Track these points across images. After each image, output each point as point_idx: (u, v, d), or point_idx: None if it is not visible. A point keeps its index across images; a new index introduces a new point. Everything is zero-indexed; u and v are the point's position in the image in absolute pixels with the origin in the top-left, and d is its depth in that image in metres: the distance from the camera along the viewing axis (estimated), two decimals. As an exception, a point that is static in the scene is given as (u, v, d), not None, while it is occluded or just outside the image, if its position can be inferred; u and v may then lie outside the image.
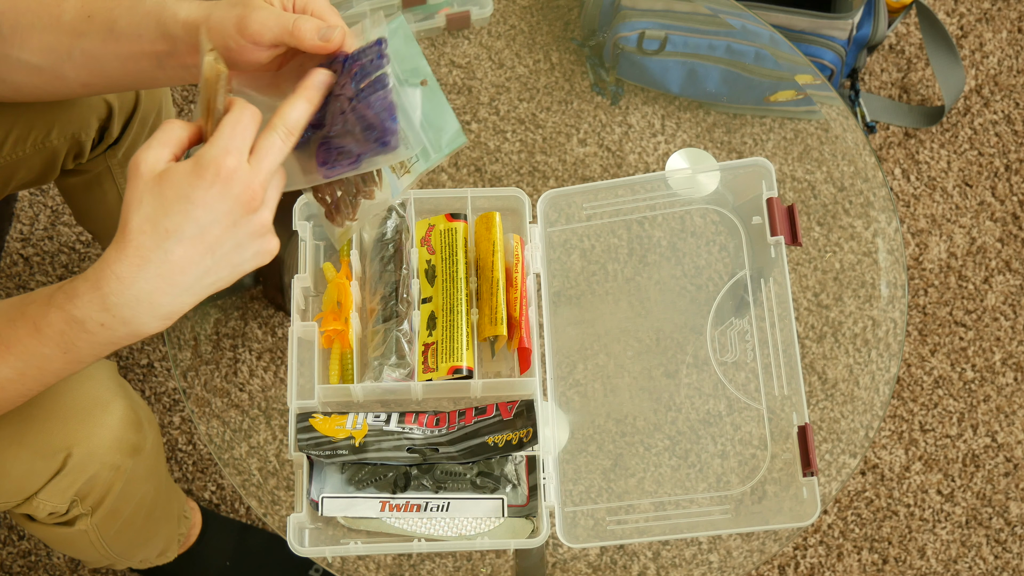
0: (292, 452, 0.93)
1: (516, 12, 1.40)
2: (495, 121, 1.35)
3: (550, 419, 0.99)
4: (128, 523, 1.07)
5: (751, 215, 1.03)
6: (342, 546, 0.94)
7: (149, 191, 0.71)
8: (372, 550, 0.95)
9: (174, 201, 0.71)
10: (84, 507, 0.99)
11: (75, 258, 1.56)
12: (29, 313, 0.74)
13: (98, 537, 1.04)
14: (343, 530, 0.95)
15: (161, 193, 0.71)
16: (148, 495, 1.08)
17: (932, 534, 1.49)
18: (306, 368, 0.97)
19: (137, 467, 1.00)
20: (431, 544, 0.92)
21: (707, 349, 1.04)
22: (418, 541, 0.93)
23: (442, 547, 0.94)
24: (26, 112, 1.02)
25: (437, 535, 0.93)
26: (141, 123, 1.13)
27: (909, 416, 1.54)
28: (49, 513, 0.97)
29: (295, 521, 0.92)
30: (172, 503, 1.21)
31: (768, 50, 1.34)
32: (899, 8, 1.61)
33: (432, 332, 0.98)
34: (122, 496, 1.01)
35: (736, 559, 1.08)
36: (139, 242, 0.71)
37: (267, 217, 0.75)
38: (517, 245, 1.01)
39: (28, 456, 0.92)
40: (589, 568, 1.07)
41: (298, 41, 0.76)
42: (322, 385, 0.96)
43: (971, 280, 1.61)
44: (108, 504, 1.00)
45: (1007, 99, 1.72)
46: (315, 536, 0.95)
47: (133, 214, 0.71)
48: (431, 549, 0.93)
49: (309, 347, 0.97)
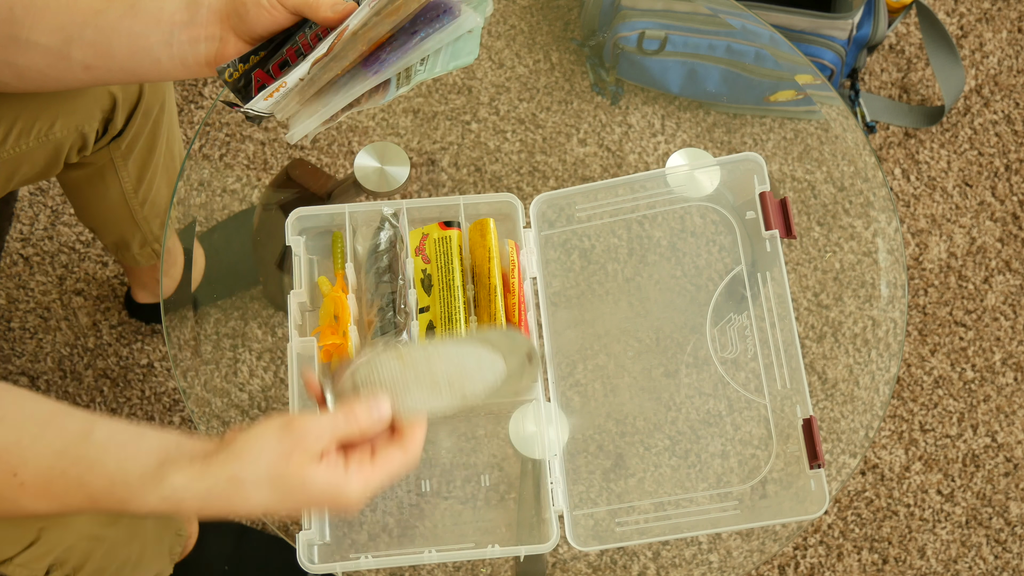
0: None
1: (516, 12, 1.40)
2: (495, 121, 1.35)
3: (554, 422, 0.98)
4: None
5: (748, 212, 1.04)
6: (352, 561, 0.95)
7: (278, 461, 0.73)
8: (382, 563, 0.95)
9: (291, 490, 0.73)
10: (64, 571, 0.97)
11: (75, 258, 1.56)
12: (89, 483, 0.74)
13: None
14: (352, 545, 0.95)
15: (287, 475, 0.73)
16: (133, 552, 1.06)
17: (932, 534, 1.49)
18: None
19: (119, 533, 0.99)
20: (441, 554, 0.92)
21: (707, 347, 1.04)
22: (428, 552, 0.92)
23: (453, 557, 0.94)
24: (30, 104, 1.02)
25: None
26: (144, 116, 1.13)
27: (909, 416, 1.54)
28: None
29: (304, 538, 0.92)
30: (163, 541, 1.18)
31: (768, 50, 1.34)
32: (899, 8, 1.61)
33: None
34: (105, 558, 1.00)
35: (736, 559, 1.08)
36: (233, 491, 0.73)
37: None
38: (512, 250, 1.01)
39: (0, 525, 0.90)
40: (589, 568, 1.07)
41: (314, 10, 0.84)
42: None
43: (971, 280, 1.61)
44: (90, 568, 0.99)
45: (1007, 99, 1.72)
46: (325, 552, 0.95)
47: (251, 465, 0.73)
48: (442, 559, 0.93)
49: (309, 362, 0.97)
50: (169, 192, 1.25)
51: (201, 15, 0.85)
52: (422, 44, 0.87)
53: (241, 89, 0.90)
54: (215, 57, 0.87)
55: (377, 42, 0.88)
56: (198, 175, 1.23)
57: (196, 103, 1.63)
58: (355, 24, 0.85)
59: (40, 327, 1.52)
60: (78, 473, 0.73)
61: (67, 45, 0.86)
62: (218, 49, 0.87)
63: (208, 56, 0.87)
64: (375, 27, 0.86)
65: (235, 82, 0.90)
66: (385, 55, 0.88)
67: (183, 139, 1.55)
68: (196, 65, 0.87)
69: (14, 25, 0.86)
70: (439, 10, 0.87)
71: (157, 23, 0.85)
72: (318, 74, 0.87)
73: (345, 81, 0.89)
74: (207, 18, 0.85)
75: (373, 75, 0.88)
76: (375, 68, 0.88)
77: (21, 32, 0.86)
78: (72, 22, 0.85)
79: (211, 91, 1.63)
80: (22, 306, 1.53)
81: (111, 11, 0.85)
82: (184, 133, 1.62)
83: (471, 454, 1.06)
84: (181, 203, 1.19)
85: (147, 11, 0.85)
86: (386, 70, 0.88)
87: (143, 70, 0.89)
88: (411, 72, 0.90)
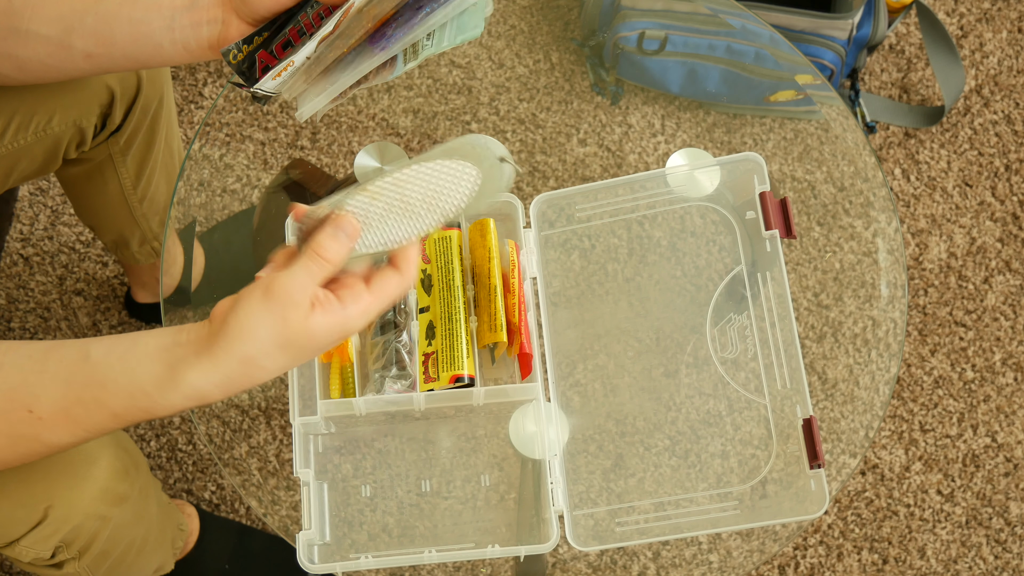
0: (298, 469, 0.93)
1: (516, 12, 1.40)
2: (495, 121, 1.35)
3: (554, 422, 0.98)
4: (119, 560, 1.06)
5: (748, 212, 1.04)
6: (352, 561, 0.95)
7: (276, 322, 0.73)
8: (383, 563, 0.95)
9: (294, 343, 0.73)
10: (70, 552, 0.98)
11: (75, 258, 1.56)
12: (107, 402, 0.74)
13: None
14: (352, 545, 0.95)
15: (287, 333, 0.73)
16: (138, 535, 1.07)
17: (932, 534, 1.49)
18: (307, 384, 0.97)
19: (124, 513, 0.99)
20: (441, 554, 0.92)
21: (707, 347, 1.04)
22: (428, 552, 0.92)
23: (453, 557, 0.94)
24: (28, 98, 1.02)
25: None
26: (143, 111, 1.12)
27: (909, 416, 1.54)
28: (33, 559, 0.96)
29: (304, 538, 0.92)
30: (166, 530, 1.19)
31: (768, 50, 1.34)
32: (899, 8, 1.61)
33: (432, 341, 0.98)
34: (111, 540, 1.00)
35: (736, 559, 1.08)
36: (249, 369, 0.73)
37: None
38: (512, 251, 1.01)
39: (8, 506, 0.91)
40: (589, 568, 1.07)
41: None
42: (324, 400, 0.95)
43: (971, 280, 1.61)
44: (96, 548, 0.99)
45: (1007, 99, 1.72)
46: (325, 552, 0.95)
47: (254, 341, 0.72)
48: (442, 559, 0.93)
49: (308, 362, 0.97)
50: (168, 189, 1.25)
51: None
52: (427, 19, 0.87)
53: (246, 71, 0.90)
54: (218, 40, 0.87)
55: (383, 18, 0.88)
56: (198, 175, 1.23)
57: (196, 103, 1.63)
58: (360, 2, 0.85)
59: (40, 327, 1.52)
60: (93, 395, 0.74)
61: (68, 34, 0.86)
62: (220, 32, 0.87)
63: (211, 39, 0.87)
64: (380, 3, 0.86)
65: (239, 64, 0.90)
66: (391, 31, 0.88)
67: (183, 139, 1.55)
68: (199, 49, 0.87)
69: (13, 16, 0.86)
70: None
71: (158, 8, 0.85)
72: (324, 52, 0.88)
73: (352, 58, 0.89)
74: (209, 1, 0.85)
75: (380, 51, 0.88)
76: (381, 44, 0.88)
77: (21, 23, 0.86)
78: (72, 11, 0.85)
79: (211, 91, 1.63)
80: (22, 306, 1.53)
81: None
82: (184, 133, 1.62)
83: (471, 454, 1.06)
84: (181, 203, 1.19)
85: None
86: (392, 46, 0.88)
87: (145, 56, 0.88)
88: (418, 47, 0.90)
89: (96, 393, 0.74)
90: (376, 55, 0.89)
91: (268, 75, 0.87)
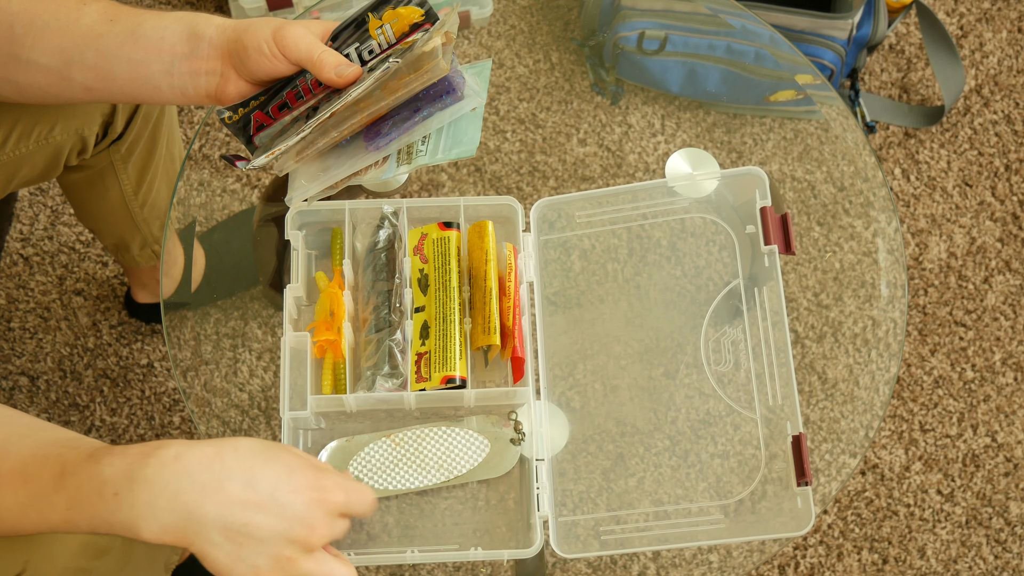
0: None
1: (516, 12, 1.40)
2: (495, 121, 1.35)
3: (544, 424, 0.98)
4: None
5: (749, 217, 1.03)
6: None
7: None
8: (366, 561, 0.95)
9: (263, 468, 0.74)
10: None
11: (75, 258, 1.56)
12: (65, 456, 0.73)
13: None
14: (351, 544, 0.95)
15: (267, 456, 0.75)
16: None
17: (932, 534, 1.49)
18: (299, 378, 0.96)
19: (107, 564, 0.95)
20: (424, 555, 0.92)
21: (702, 360, 1.04)
22: (411, 552, 0.93)
23: (436, 558, 0.94)
24: (30, 108, 1.02)
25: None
26: (144, 119, 1.13)
27: (909, 416, 1.54)
28: None
29: None
30: (157, 560, 1.13)
31: (768, 50, 1.34)
32: (899, 8, 1.61)
33: (425, 341, 0.97)
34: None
35: (736, 559, 1.08)
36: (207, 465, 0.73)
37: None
38: (510, 254, 1.00)
39: None
40: (589, 568, 1.07)
41: (318, 70, 0.86)
42: (315, 395, 0.95)
43: (971, 280, 1.61)
44: None
45: (1007, 99, 1.72)
46: None
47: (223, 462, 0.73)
48: (424, 560, 0.93)
49: (302, 357, 0.97)
50: (169, 194, 1.25)
51: (202, 49, 0.85)
52: (424, 122, 0.88)
53: (241, 130, 0.92)
54: (215, 91, 0.87)
55: (377, 115, 0.88)
56: (198, 175, 1.23)
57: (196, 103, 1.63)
58: (357, 93, 0.85)
59: (40, 327, 1.52)
60: (56, 452, 0.74)
61: (67, 66, 0.86)
62: (219, 84, 0.87)
63: (208, 90, 0.87)
64: (376, 101, 0.86)
65: (234, 124, 0.91)
66: (387, 129, 0.89)
67: (183, 139, 1.55)
68: (196, 97, 0.88)
69: (14, 44, 0.85)
70: (443, 89, 0.88)
71: (158, 52, 0.85)
72: (316, 136, 0.88)
73: (345, 146, 0.90)
74: (208, 53, 0.85)
75: (374, 150, 0.89)
76: (376, 143, 0.89)
77: (22, 52, 0.86)
78: (72, 44, 0.85)
79: (211, 91, 1.63)
80: (22, 306, 1.54)
81: (111, 36, 0.85)
82: (184, 133, 1.62)
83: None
84: (181, 203, 1.19)
85: (147, 39, 0.85)
86: (387, 146, 0.89)
87: (144, 95, 0.89)
88: (413, 151, 0.91)
89: (62, 445, 0.74)
90: (369, 153, 0.89)
91: (259, 158, 0.89)
